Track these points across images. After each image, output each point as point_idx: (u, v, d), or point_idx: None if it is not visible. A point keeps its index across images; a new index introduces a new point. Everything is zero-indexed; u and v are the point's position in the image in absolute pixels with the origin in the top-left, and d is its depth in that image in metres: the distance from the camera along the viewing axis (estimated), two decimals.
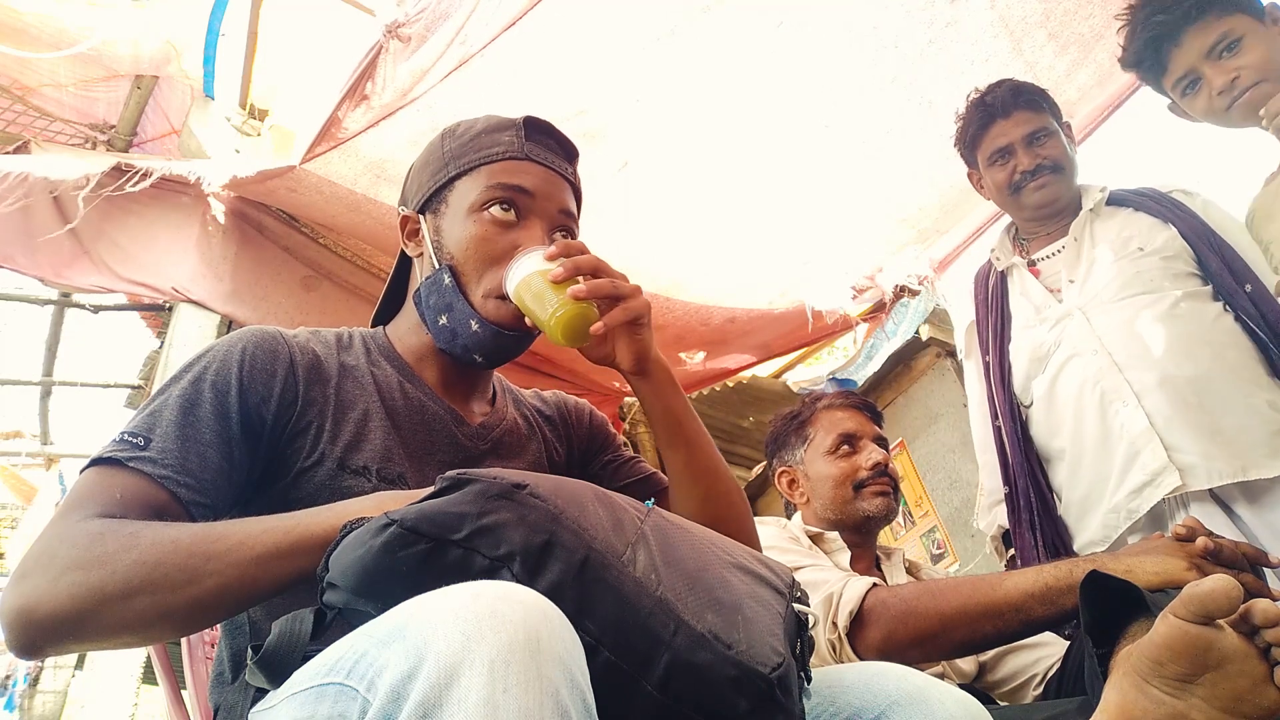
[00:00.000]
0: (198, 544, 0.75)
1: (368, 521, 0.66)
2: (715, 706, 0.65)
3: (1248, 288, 1.60)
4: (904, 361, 4.07)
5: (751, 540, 1.05)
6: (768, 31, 2.36)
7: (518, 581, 0.62)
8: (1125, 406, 1.58)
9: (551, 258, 0.93)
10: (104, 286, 2.76)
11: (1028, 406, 1.79)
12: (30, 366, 4.32)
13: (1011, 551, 1.79)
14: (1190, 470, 1.51)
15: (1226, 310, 1.62)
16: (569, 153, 1.10)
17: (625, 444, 1.21)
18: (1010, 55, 2.47)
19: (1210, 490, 1.50)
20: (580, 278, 0.93)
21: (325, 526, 0.76)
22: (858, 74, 2.51)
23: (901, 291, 3.32)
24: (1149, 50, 1.58)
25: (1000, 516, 1.82)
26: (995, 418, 1.82)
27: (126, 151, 3.31)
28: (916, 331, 3.63)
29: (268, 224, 2.99)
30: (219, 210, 2.89)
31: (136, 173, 2.55)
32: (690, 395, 4.25)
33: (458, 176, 1.02)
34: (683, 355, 3.46)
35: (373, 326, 1.11)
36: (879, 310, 3.49)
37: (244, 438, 0.88)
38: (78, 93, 3.23)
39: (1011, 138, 1.78)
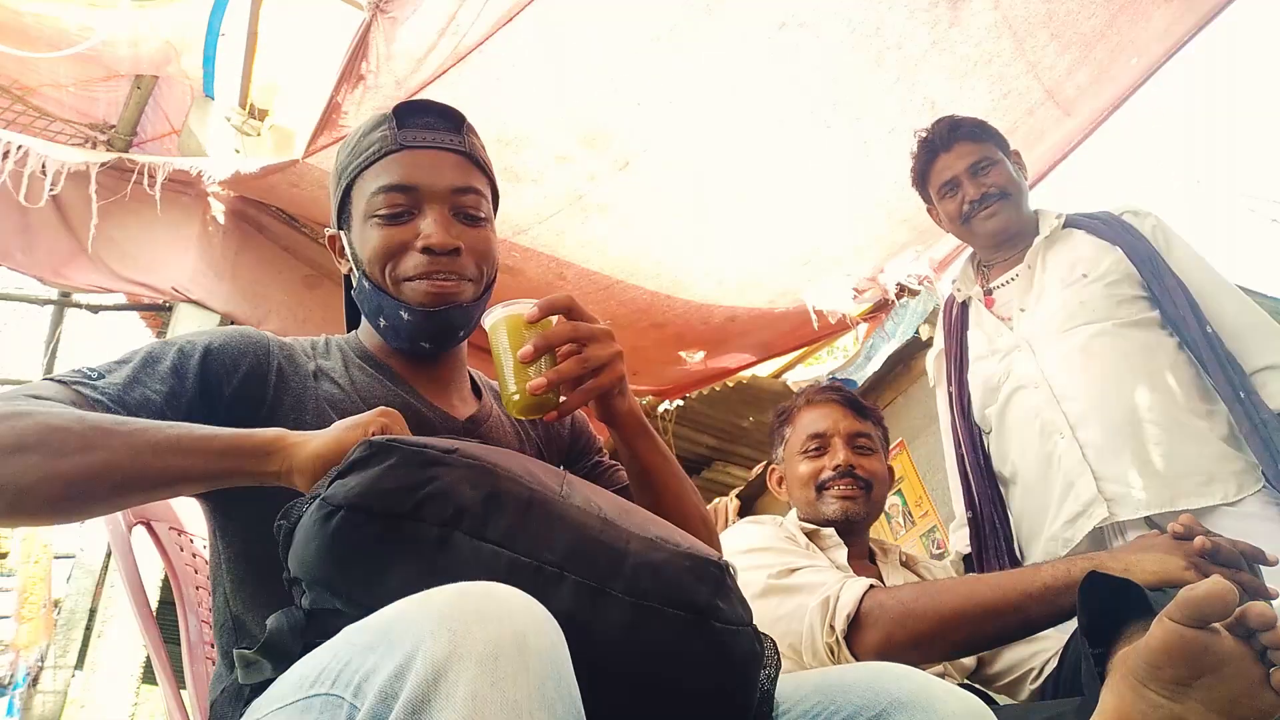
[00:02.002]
0: (104, 422, 0.75)
1: (304, 509, 0.67)
2: (681, 596, 0.69)
3: (1183, 312, 1.63)
4: (904, 361, 4.06)
5: None
6: (770, 32, 2.36)
7: (471, 537, 0.65)
8: (1062, 438, 1.62)
9: (531, 320, 0.89)
10: (103, 286, 2.76)
11: (988, 433, 1.83)
12: (30, 366, 4.33)
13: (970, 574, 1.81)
14: (1118, 500, 1.54)
15: (1170, 335, 1.65)
16: (453, 121, 1.04)
17: (604, 449, 1.21)
18: (1013, 55, 2.48)
19: (1148, 518, 1.52)
20: (548, 358, 0.89)
21: (229, 434, 0.77)
22: (860, 74, 2.51)
23: (902, 291, 3.32)
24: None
25: (963, 539, 1.84)
26: (958, 446, 1.87)
27: (126, 151, 3.31)
28: (916, 331, 3.63)
29: (268, 224, 2.99)
30: (219, 210, 2.90)
31: (141, 169, 2.55)
32: (690, 395, 4.22)
33: (350, 188, 1.01)
34: (683, 354, 3.46)
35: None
36: (879, 310, 3.49)
37: (200, 402, 0.87)
38: (78, 93, 3.24)
39: (955, 170, 1.82)
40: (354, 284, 1.04)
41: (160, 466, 0.74)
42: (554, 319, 0.91)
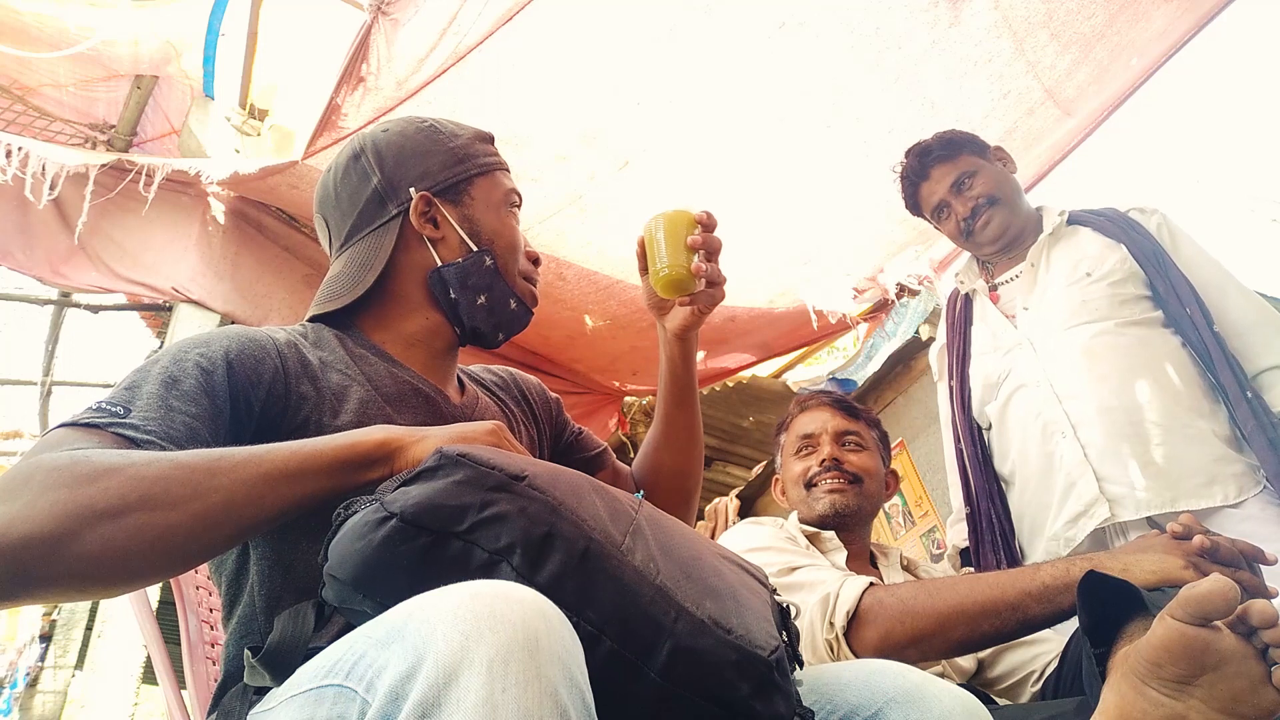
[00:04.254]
0: (200, 460, 0.70)
1: (363, 508, 0.66)
2: (718, 690, 0.65)
3: (1188, 310, 1.62)
4: (904, 361, 4.06)
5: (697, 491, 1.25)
6: (770, 32, 2.36)
7: (518, 574, 0.63)
8: (1064, 438, 1.62)
9: (699, 220, 1.08)
10: (102, 286, 2.76)
11: (987, 430, 1.83)
12: (30, 366, 4.34)
13: (968, 569, 1.81)
14: (1119, 501, 1.54)
15: (1174, 335, 1.64)
16: None
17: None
18: (1012, 55, 2.48)
19: (1149, 519, 1.52)
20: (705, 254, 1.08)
21: (333, 449, 0.75)
22: (860, 74, 2.51)
23: (902, 291, 3.32)
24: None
25: (961, 533, 1.84)
26: (957, 441, 1.87)
27: (126, 151, 3.32)
28: (916, 331, 3.63)
29: (268, 224, 2.99)
30: (219, 210, 2.90)
31: (140, 169, 2.56)
32: None
33: (479, 174, 1.09)
34: None
35: (313, 320, 1.06)
36: (879, 310, 3.49)
37: (231, 423, 0.83)
38: (78, 93, 3.23)
39: (939, 194, 1.84)
40: (440, 254, 1.04)
41: (275, 497, 0.71)
42: (699, 227, 1.09)
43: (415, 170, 1.06)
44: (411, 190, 1.04)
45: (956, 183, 1.82)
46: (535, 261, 1.13)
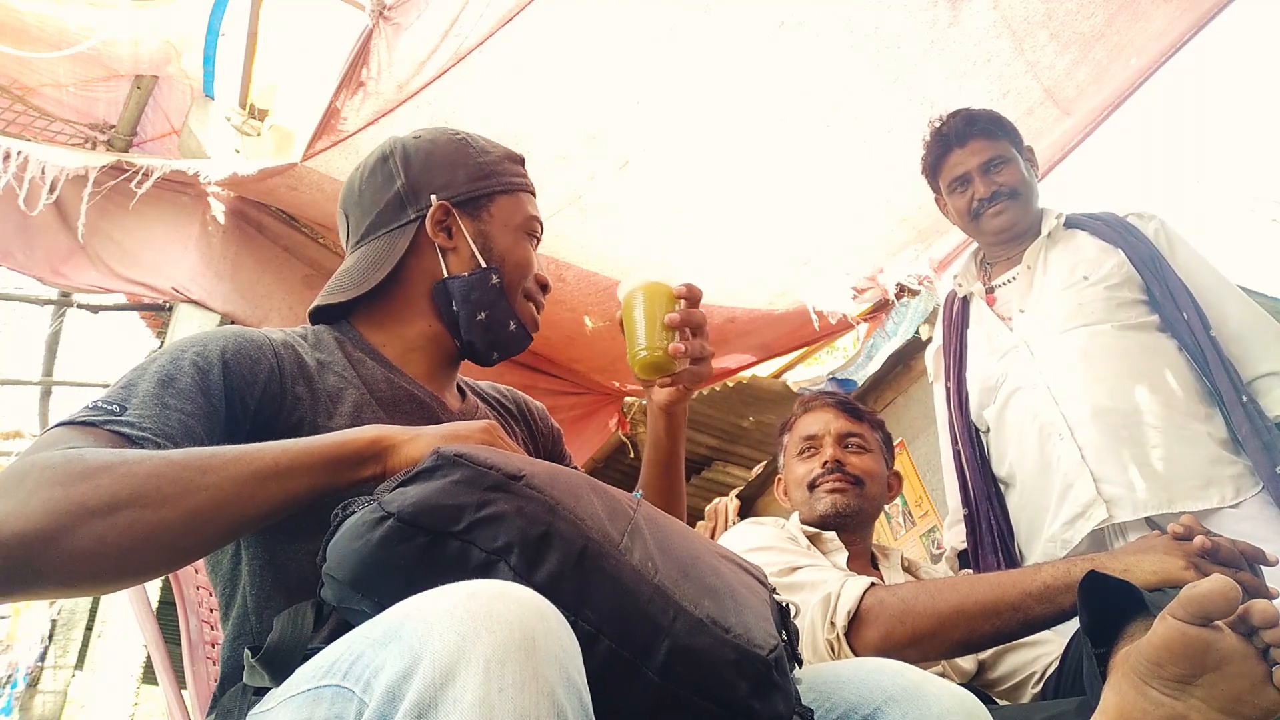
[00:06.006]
0: (191, 458, 0.70)
1: (361, 509, 0.66)
2: (716, 689, 0.65)
3: (1185, 315, 1.62)
4: (904, 361, 4.06)
5: None
6: (769, 31, 2.36)
7: (516, 573, 0.63)
8: (1061, 440, 1.62)
9: (679, 296, 1.05)
10: (102, 286, 2.76)
11: (985, 432, 1.83)
12: (30, 366, 4.34)
13: (967, 571, 1.81)
14: (1116, 502, 1.54)
15: (1170, 339, 1.64)
16: None
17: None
18: (1011, 55, 2.48)
19: (1148, 519, 1.52)
20: (686, 331, 1.03)
21: (325, 447, 0.76)
22: (859, 74, 2.51)
23: (902, 291, 3.32)
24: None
25: (958, 535, 1.84)
26: (955, 442, 1.87)
27: (126, 151, 3.32)
28: (916, 331, 3.63)
29: (268, 223, 2.99)
30: (219, 210, 2.90)
31: (138, 170, 2.56)
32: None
33: (501, 192, 1.10)
34: None
35: (316, 320, 1.07)
36: (879, 310, 3.49)
37: (227, 422, 0.83)
38: (78, 93, 3.23)
39: (968, 166, 1.82)
40: (449, 266, 1.04)
41: (266, 495, 0.72)
42: (681, 302, 1.05)
43: (440, 179, 1.07)
44: (432, 197, 1.06)
45: (989, 162, 1.80)
46: (545, 288, 1.12)
